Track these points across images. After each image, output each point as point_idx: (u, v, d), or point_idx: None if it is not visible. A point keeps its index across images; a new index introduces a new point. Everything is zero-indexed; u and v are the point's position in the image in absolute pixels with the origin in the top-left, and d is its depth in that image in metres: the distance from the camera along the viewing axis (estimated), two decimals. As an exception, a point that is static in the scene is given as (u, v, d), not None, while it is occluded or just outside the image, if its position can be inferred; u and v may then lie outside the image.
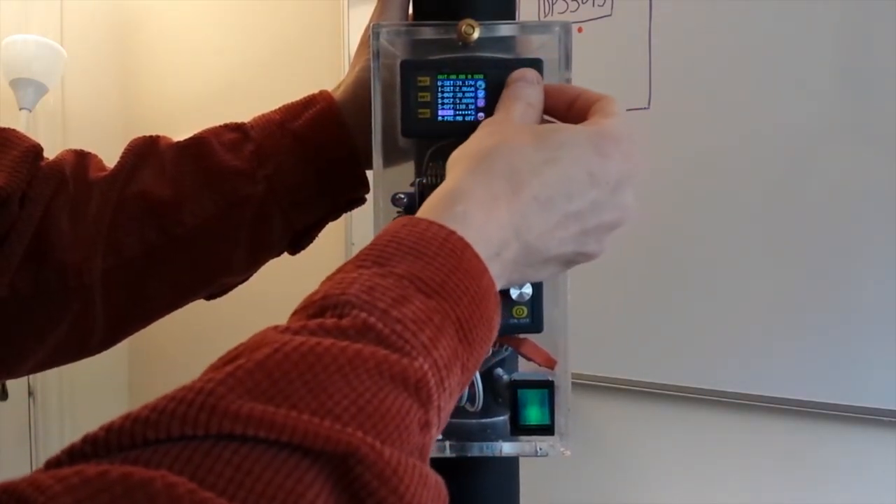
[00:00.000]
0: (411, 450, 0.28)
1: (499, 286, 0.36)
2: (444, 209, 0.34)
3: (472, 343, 0.32)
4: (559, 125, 0.41)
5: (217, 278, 0.55)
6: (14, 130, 0.52)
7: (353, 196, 0.56)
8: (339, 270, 0.32)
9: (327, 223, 0.57)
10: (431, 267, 0.31)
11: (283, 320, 0.32)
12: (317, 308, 0.30)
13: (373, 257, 0.32)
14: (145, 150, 0.54)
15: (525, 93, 0.42)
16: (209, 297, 0.58)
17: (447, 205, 0.34)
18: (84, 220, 0.51)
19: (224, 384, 0.26)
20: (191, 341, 1.73)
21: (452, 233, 0.33)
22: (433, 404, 0.29)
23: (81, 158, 0.54)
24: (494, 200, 0.35)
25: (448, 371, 0.30)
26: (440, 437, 0.45)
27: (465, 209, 0.34)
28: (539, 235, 0.36)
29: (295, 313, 0.31)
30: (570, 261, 0.40)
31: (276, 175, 0.52)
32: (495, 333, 0.34)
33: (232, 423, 0.25)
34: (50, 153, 0.54)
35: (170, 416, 0.25)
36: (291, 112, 0.54)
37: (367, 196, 0.55)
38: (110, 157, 0.55)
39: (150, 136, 0.55)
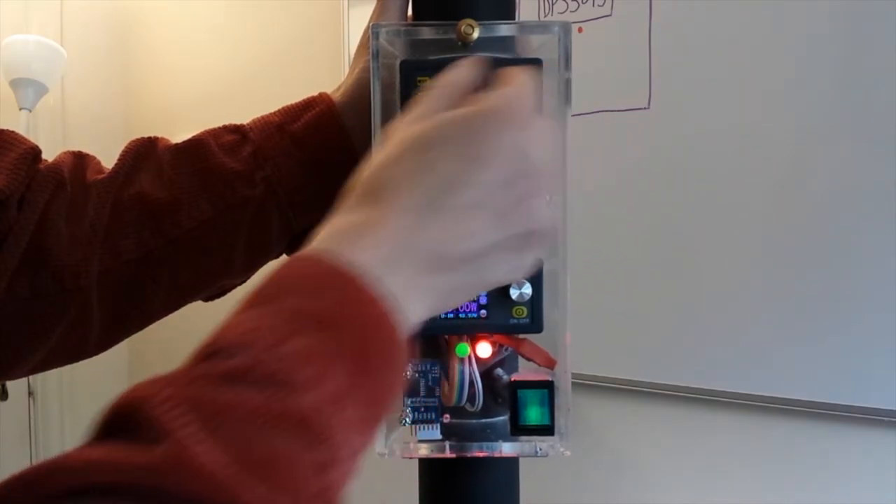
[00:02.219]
0: (308, 495, 0.27)
1: (427, 307, 0.34)
2: (332, 241, 0.33)
3: (371, 371, 0.30)
4: (433, 118, 0.37)
5: (215, 281, 0.55)
6: (12, 132, 0.52)
7: None
8: (230, 314, 0.31)
9: None
10: (318, 302, 0.30)
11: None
12: (202, 354, 0.29)
13: (260, 297, 0.31)
14: (143, 152, 0.53)
15: (436, 87, 0.39)
16: (207, 299, 0.58)
17: (335, 237, 0.33)
18: (81, 222, 0.51)
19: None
20: (191, 342, 1.71)
21: (342, 266, 0.31)
22: (326, 442, 0.28)
23: (79, 160, 0.54)
24: (378, 223, 0.34)
25: (340, 406, 0.29)
26: (440, 436, 0.45)
27: (353, 239, 0.33)
28: (437, 240, 0.34)
29: (186, 362, 0.30)
30: (507, 249, 0.37)
31: (274, 177, 0.52)
32: (403, 358, 0.32)
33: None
34: (50, 153, 0.54)
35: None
36: (290, 114, 0.54)
37: None
38: (110, 157, 0.55)
39: (149, 138, 0.54)
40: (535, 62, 0.43)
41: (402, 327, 0.32)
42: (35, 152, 0.52)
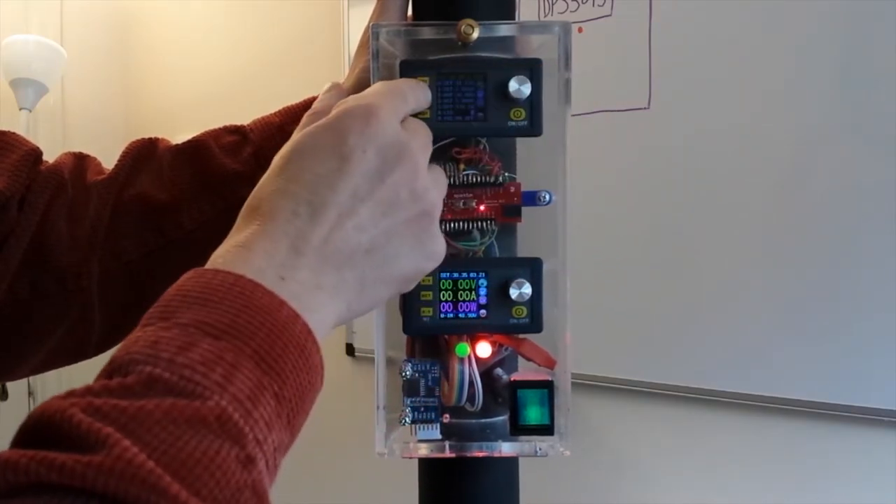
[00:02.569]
0: (236, 489, 0.27)
1: (344, 304, 0.35)
2: (223, 259, 0.33)
3: (282, 373, 0.31)
4: (303, 131, 0.39)
5: None
6: (13, 134, 0.52)
7: None
8: (129, 335, 0.31)
9: None
10: (218, 311, 0.30)
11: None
12: (104, 373, 0.29)
13: (158, 314, 0.31)
14: (143, 153, 0.54)
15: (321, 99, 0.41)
16: None
17: (225, 256, 0.34)
18: (82, 223, 0.51)
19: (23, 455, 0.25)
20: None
21: (241, 277, 0.32)
22: (247, 438, 0.28)
23: (80, 161, 0.54)
24: (264, 234, 0.34)
25: (254, 403, 0.29)
26: (440, 436, 0.45)
27: (243, 253, 0.33)
28: (327, 238, 0.35)
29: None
30: (403, 234, 0.37)
31: None
32: (316, 356, 0.33)
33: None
34: (50, 153, 0.54)
35: None
36: (291, 114, 0.54)
37: None
38: (110, 157, 0.55)
39: (149, 139, 0.55)
40: (535, 62, 0.43)
41: (313, 326, 0.33)
42: (36, 154, 0.52)
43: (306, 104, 0.55)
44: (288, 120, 0.54)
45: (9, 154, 0.51)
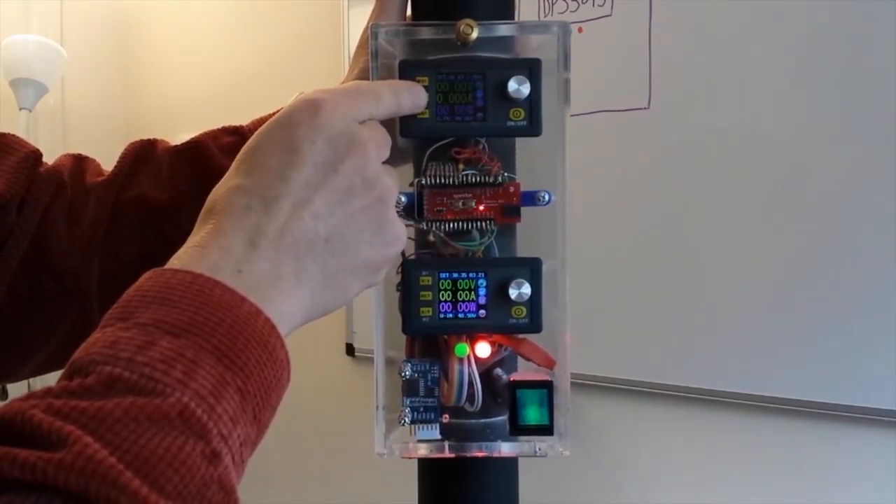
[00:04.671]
0: (201, 484, 0.27)
1: (309, 295, 0.35)
2: (180, 260, 0.33)
3: (245, 367, 0.31)
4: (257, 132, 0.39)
5: None
6: (13, 136, 0.52)
7: None
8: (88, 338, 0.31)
9: None
10: (177, 309, 0.30)
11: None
12: (65, 376, 0.29)
13: (117, 315, 0.31)
14: (142, 155, 0.54)
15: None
16: None
17: (182, 257, 0.34)
18: (81, 224, 0.51)
19: None
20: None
21: (199, 275, 0.32)
22: (211, 433, 0.28)
23: (79, 163, 0.54)
24: (220, 232, 0.34)
25: (216, 398, 0.29)
26: (439, 436, 0.45)
27: (199, 252, 0.33)
28: (283, 229, 0.35)
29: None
30: (362, 221, 0.38)
31: None
32: (280, 349, 0.33)
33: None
34: (50, 153, 0.54)
35: None
36: None
37: None
38: (110, 158, 0.55)
39: (148, 140, 0.55)
40: (534, 62, 0.43)
41: (277, 320, 0.33)
42: (35, 156, 0.52)
43: None
44: None
45: (8, 156, 0.51)
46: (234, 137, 0.54)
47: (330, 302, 0.37)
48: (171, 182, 0.52)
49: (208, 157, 0.53)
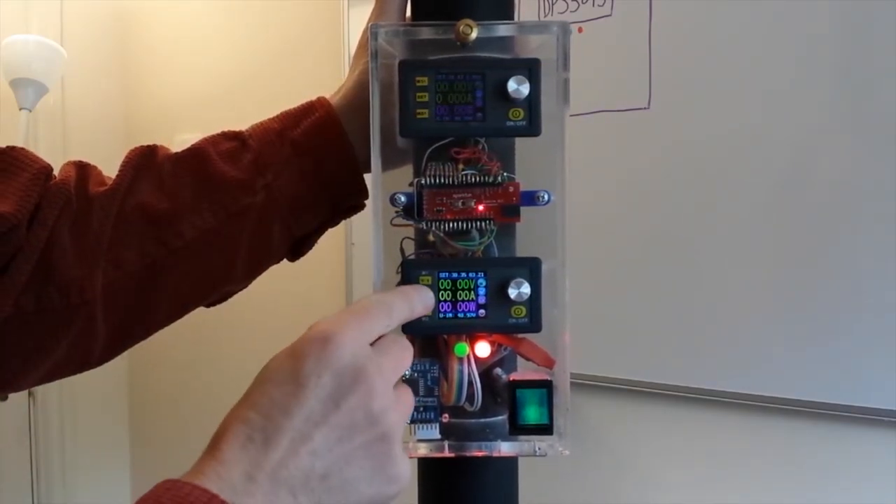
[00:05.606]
0: None
1: None
2: (207, 472, 0.34)
3: None
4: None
5: (217, 287, 0.55)
6: (25, 151, 0.52)
7: (352, 203, 0.56)
8: None
9: (327, 230, 0.57)
10: None
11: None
12: None
13: None
14: (143, 162, 0.53)
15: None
16: (209, 305, 0.58)
17: (193, 479, 0.34)
18: (85, 236, 0.51)
19: None
20: (190, 341, 1.72)
21: (215, 496, 0.32)
22: None
23: (82, 171, 0.53)
24: (219, 460, 0.34)
25: None
26: (439, 436, 0.45)
27: (197, 478, 0.34)
28: (281, 464, 0.35)
29: None
30: (363, 458, 0.37)
31: (275, 184, 0.52)
32: None
33: None
34: (50, 153, 0.54)
35: None
36: (290, 120, 0.54)
37: (367, 202, 0.55)
38: (110, 158, 0.55)
39: (148, 147, 0.54)
40: (533, 62, 0.43)
41: None
42: (46, 172, 0.52)
43: (305, 108, 0.54)
44: (287, 125, 0.54)
45: (21, 173, 0.50)
46: (233, 143, 0.54)
47: None
48: (172, 190, 0.52)
49: (209, 163, 0.53)
